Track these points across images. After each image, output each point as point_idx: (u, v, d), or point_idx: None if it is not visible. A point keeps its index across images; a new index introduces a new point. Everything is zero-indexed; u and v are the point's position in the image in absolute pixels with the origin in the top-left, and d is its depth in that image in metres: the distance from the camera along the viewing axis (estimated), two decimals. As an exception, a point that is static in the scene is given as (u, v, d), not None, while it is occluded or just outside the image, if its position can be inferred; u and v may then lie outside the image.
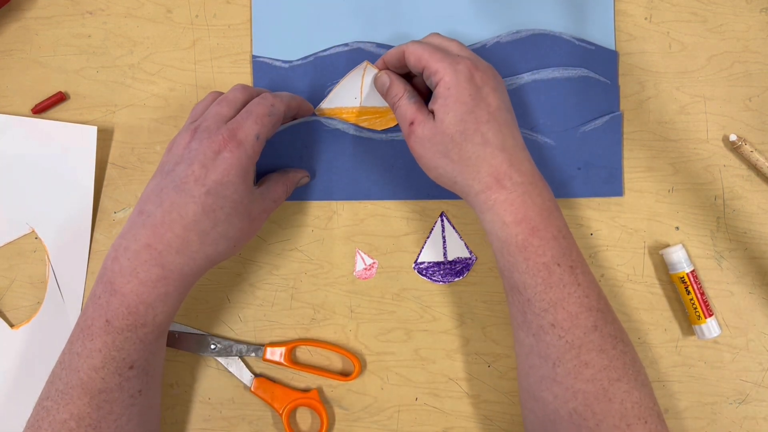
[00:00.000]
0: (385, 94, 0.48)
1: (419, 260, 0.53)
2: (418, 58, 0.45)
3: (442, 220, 0.52)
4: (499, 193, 0.43)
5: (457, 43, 0.47)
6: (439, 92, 0.44)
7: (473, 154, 0.43)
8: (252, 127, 0.44)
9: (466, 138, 0.43)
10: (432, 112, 0.45)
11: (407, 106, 0.46)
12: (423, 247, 0.53)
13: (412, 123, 0.45)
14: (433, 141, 0.44)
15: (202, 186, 0.42)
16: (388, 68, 0.49)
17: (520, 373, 0.45)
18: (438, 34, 0.48)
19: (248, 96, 0.46)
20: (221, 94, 0.47)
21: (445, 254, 0.52)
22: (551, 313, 0.42)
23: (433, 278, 0.52)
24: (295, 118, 0.51)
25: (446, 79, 0.44)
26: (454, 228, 0.53)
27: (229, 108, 0.45)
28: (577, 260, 0.43)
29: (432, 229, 0.53)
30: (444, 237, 0.52)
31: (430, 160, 0.45)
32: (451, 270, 0.52)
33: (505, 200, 0.43)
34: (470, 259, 0.52)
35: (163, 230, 0.41)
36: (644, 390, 0.42)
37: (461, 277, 0.52)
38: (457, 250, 0.52)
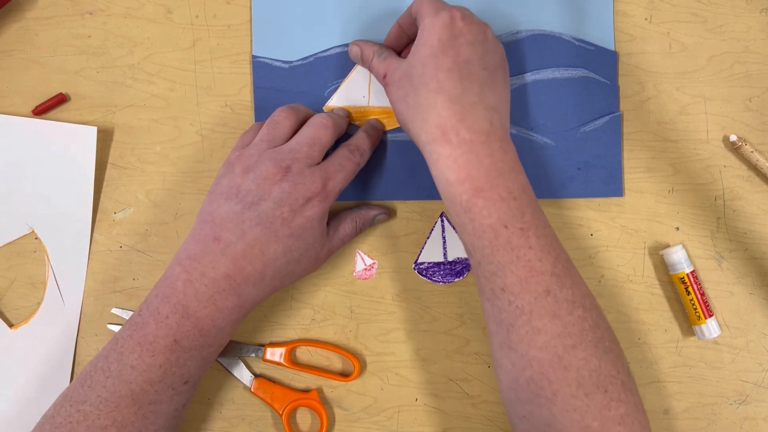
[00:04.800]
0: (361, 63, 0.49)
1: (419, 261, 0.53)
2: (417, 3, 0.45)
3: (442, 221, 0.52)
4: (443, 147, 0.42)
5: (463, 7, 0.46)
6: (418, 32, 0.44)
7: (425, 101, 0.42)
8: (341, 181, 0.45)
9: (423, 82, 0.43)
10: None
11: (379, 63, 0.47)
12: (423, 248, 0.53)
13: (385, 75, 0.46)
14: (398, 86, 0.45)
15: (288, 228, 0.43)
16: (401, 27, 0.49)
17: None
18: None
19: (335, 136, 0.47)
20: (294, 111, 0.47)
21: (445, 255, 0.52)
22: (500, 276, 0.41)
23: (433, 278, 0.52)
24: None
25: (425, 21, 0.43)
26: (454, 228, 0.52)
27: (320, 154, 0.45)
28: (531, 222, 0.41)
29: (432, 229, 0.53)
30: (444, 237, 0.52)
31: (394, 104, 0.45)
32: (451, 270, 0.52)
33: (449, 156, 0.41)
34: None
35: (244, 263, 0.42)
36: (606, 357, 0.40)
37: (461, 278, 0.52)
38: (457, 250, 0.52)
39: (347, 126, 0.51)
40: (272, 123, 0.46)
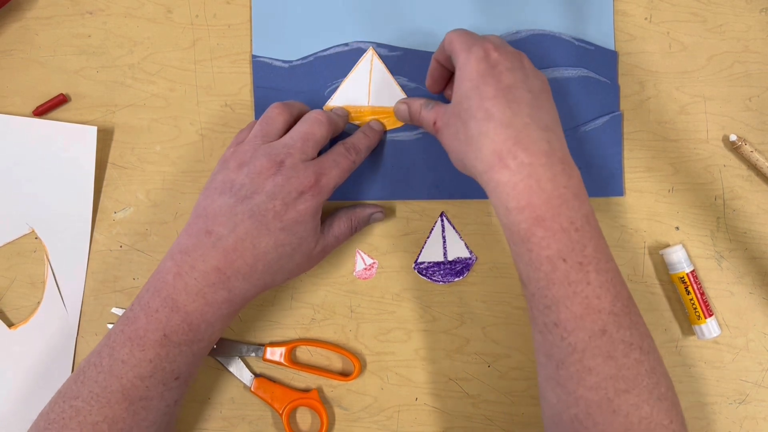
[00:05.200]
0: (409, 119, 0.49)
1: (419, 260, 0.53)
2: (448, 41, 0.45)
3: (442, 220, 0.52)
4: (501, 173, 0.40)
5: (495, 36, 0.45)
6: (456, 71, 0.43)
7: (476, 131, 0.41)
8: (335, 178, 0.45)
9: (470, 114, 0.41)
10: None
11: (427, 114, 0.47)
12: (423, 247, 0.53)
13: (435, 122, 0.46)
14: (448, 127, 0.44)
15: (280, 222, 0.43)
16: (438, 62, 0.48)
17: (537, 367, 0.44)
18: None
19: (330, 132, 0.47)
20: (287, 108, 0.47)
21: (445, 254, 0.52)
22: (554, 311, 0.39)
23: (433, 278, 0.52)
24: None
25: (460, 59, 0.43)
26: (454, 228, 0.53)
27: (314, 150, 0.45)
28: (592, 257, 0.39)
29: (432, 229, 0.53)
30: (444, 237, 0.52)
31: (448, 146, 0.45)
32: (451, 270, 0.52)
33: (508, 182, 0.39)
34: (470, 259, 0.52)
35: (234, 257, 0.42)
36: (659, 405, 0.39)
37: (461, 277, 0.52)
38: (457, 250, 0.52)
39: (345, 124, 0.51)
40: (266, 119, 0.46)
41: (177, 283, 0.42)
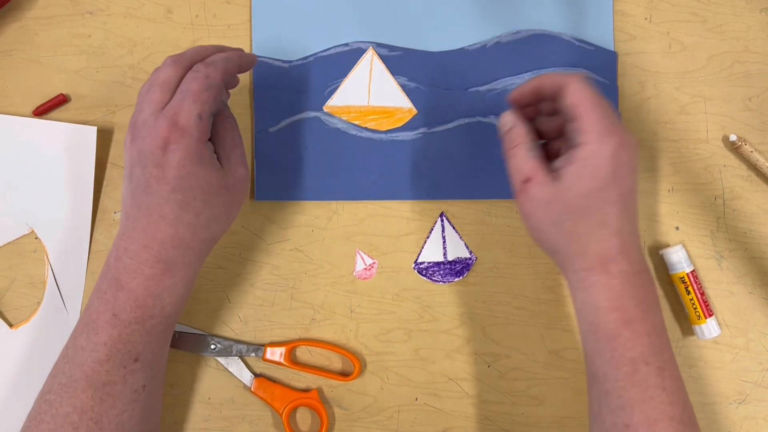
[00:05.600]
0: (503, 134, 0.45)
1: (419, 260, 0.53)
2: (577, 103, 0.41)
3: (442, 220, 0.52)
4: (600, 276, 0.40)
5: (609, 104, 0.42)
6: (577, 156, 0.40)
7: (586, 231, 0.41)
8: (191, 108, 0.40)
9: (587, 215, 0.41)
10: (557, 171, 0.41)
11: (525, 159, 0.43)
12: (423, 247, 0.53)
13: (528, 180, 0.42)
14: (548, 206, 0.41)
15: (166, 185, 0.40)
16: (540, 90, 0.44)
17: None
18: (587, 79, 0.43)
19: (181, 70, 0.41)
20: (179, 57, 0.42)
21: (445, 254, 0.52)
22: (627, 413, 0.40)
23: (433, 278, 0.52)
24: (240, 73, 0.46)
25: (592, 146, 0.40)
26: (454, 228, 0.52)
27: (162, 92, 0.40)
28: (669, 362, 0.41)
29: (432, 229, 0.53)
30: (444, 237, 0.52)
31: (540, 223, 0.42)
32: (451, 270, 0.52)
33: (605, 285, 0.40)
34: (470, 259, 0.52)
35: (153, 231, 0.41)
36: None
37: (461, 277, 0.52)
38: (457, 250, 0.52)
39: (209, 54, 0.43)
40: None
41: (118, 264, 0.42)
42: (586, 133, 0.40)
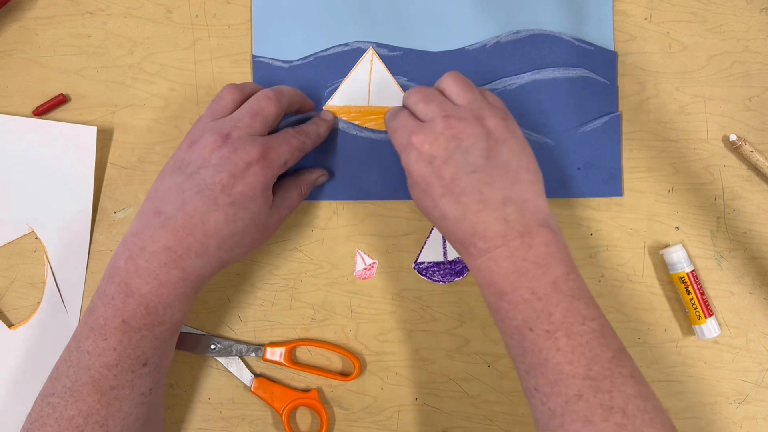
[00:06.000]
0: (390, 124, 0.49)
1: (419, 260, 0.53)
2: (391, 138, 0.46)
3: None
4: (468, 259, 0.43)
5: (423, 104, 0.44)
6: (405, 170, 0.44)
7: (441, 226, 0.44)
8: (284, 154, 0.44)
9: (428, 212, 0.44)
10: None
11: (403, 131, 0.46)
12: (423, 247, 0.53)
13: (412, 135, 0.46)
14: (415, 186, 0.45)
15: (228, 196, 0.42)
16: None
17: None
18: (453, 75, 0.46)
19: (279, 109, 0.46)
20: (238, 87, 0.47)
21: (445, 254, 0.52)
22: (532, 376, 0.40)
23: (433, 278, 0.52)
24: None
25: (401, 157, 0.44)
26: None
27: (263, 126, 0.45)
28: (561, 322, 0.39)
29: (432, 228, 0.53)
30: (444, 237, 0.52)
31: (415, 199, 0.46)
32: (451, 270, 0.52)
33: (473, 265, 0.42)
34: None
35: (184, 234, 0.42)
36: None
37: (461, 277, 0.52)
38: None
39: (299, 104, 0.49)
40: (216, 99, 0.46)
41: (129, 267, 0.42)
42: (398, 151, 0.44)
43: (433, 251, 0.53)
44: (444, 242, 0.52)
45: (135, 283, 0.41)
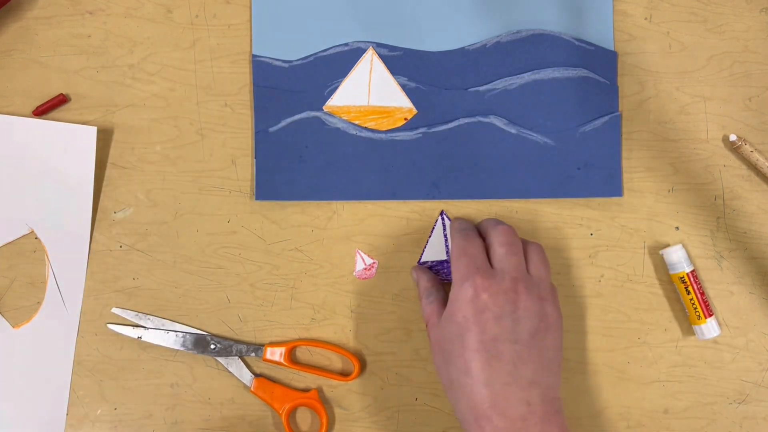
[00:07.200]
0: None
1: (422, 260, 0.52)
2: (451, 255, 0.46)
3: (443, 219, 0.52)
4: (473, 431, 0.40)
5: (501, 246, 0.44)
6: (448, 302, 0.44)
7: (456, 380, 0.42)
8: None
9: (452, 359, 0.42)
10: None
11: (425, 306, 0.48)
12: (425, 247, 0.53)
13: (427, 324, 0.47)
14: (435, 344, 0.45)
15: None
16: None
17: None
18: (538, 247, 0.46)
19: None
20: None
21: (447, 252, 0.52)
22: None
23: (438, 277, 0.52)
24: None
25: (452, 292, 0.43)
26: None
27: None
28: None
29: (433, 228, 0.53)
30: (445, 236, 0.52)
31: (434, 361, 0.45)
32: None
33: None
34: None
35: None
36: None
37: None
38: None
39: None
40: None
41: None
42: (453, 279, 0.44)
43: (435, 250, 0.52)
44: (446, 240, 0.52)
45: None
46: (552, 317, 0.43)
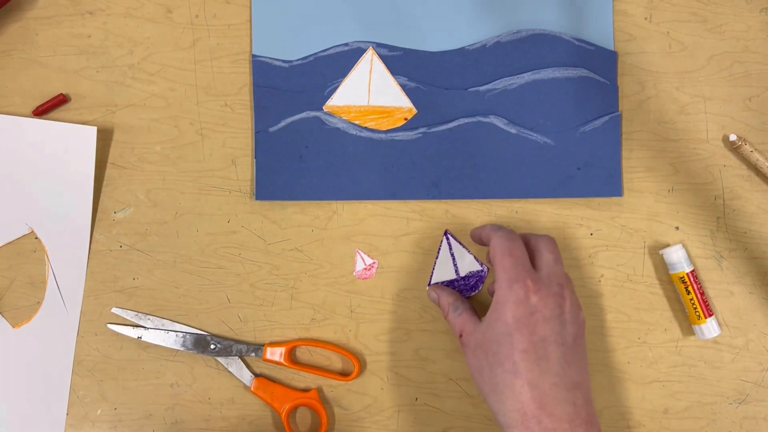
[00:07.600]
0: (439, 306, 0.50)
1: (432, 283, 0.52)
2: (493, 255, 0.45)
3: (448, 239, 0.52)
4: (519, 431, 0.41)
5: (546, 252, 0.45)
6: (493, 302, 0.44)
7: (501, 381, 0.42)
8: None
9: (498, 361, 0.42)
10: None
11: (454, 319, 0.47)
12: (433, 270, 0.52)
13: (461, 335, 0.46)
14: (474, 352, 0.44)
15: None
16: (473, 237, 0.50)
17: None
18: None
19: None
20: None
21: (456, 271, 0.52)
22: None
23: None
24: None
25: (500, 292, 0.43)
26: (461, 243, 0.52)
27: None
28: None
29: (439, 249, 0.52)
30: (452, 255, 0.52)
31: (473, 371, 0.45)
32: (465, 285, 0.52)
33: None
34: (482, 271, 0.52)
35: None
36: None
37: (476, 292, 0.52)
38: (467, 264, 0.52)
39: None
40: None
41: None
42: (499, 280, 0.44)
43: (444, 270, 0.52)
44: (453, 259, 0.52)
45: None
46: (584, 324, 0.45)
